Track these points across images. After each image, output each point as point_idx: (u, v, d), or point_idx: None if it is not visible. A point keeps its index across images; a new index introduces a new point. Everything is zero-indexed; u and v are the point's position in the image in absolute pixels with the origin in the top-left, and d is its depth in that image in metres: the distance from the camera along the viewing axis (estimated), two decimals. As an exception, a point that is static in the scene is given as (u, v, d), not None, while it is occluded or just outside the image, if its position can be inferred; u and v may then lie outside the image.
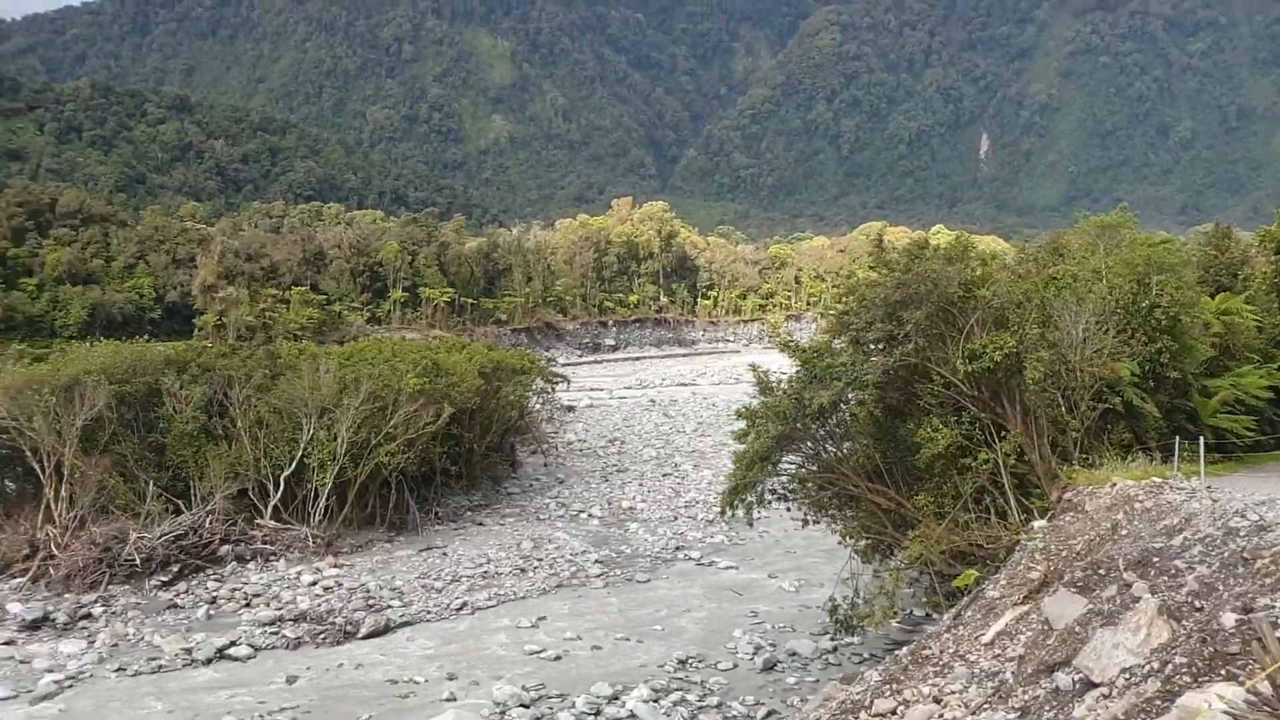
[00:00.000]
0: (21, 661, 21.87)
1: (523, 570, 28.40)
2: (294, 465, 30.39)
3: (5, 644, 22.86)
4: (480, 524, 34.18)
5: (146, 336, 58.11)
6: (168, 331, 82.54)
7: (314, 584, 26.72)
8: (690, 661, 21.15)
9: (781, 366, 23.19)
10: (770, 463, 21.02)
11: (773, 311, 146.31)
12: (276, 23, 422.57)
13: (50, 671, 21.15)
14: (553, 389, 46.41)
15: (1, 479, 31.42)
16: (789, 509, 23.66)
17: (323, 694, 19.81)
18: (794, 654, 21.43)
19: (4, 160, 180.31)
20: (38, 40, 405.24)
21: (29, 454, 29.00)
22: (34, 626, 23.86)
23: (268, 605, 25.34)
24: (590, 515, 35.62)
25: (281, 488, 30.44)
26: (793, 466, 22.23)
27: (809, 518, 23.25)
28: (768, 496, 21.94)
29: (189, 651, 22.26)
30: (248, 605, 25.53)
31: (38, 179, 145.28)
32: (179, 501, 29.86)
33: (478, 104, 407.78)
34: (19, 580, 26.83)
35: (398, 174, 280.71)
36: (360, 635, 23.33)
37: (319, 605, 25.09)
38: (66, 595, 25.65)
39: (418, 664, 21.41)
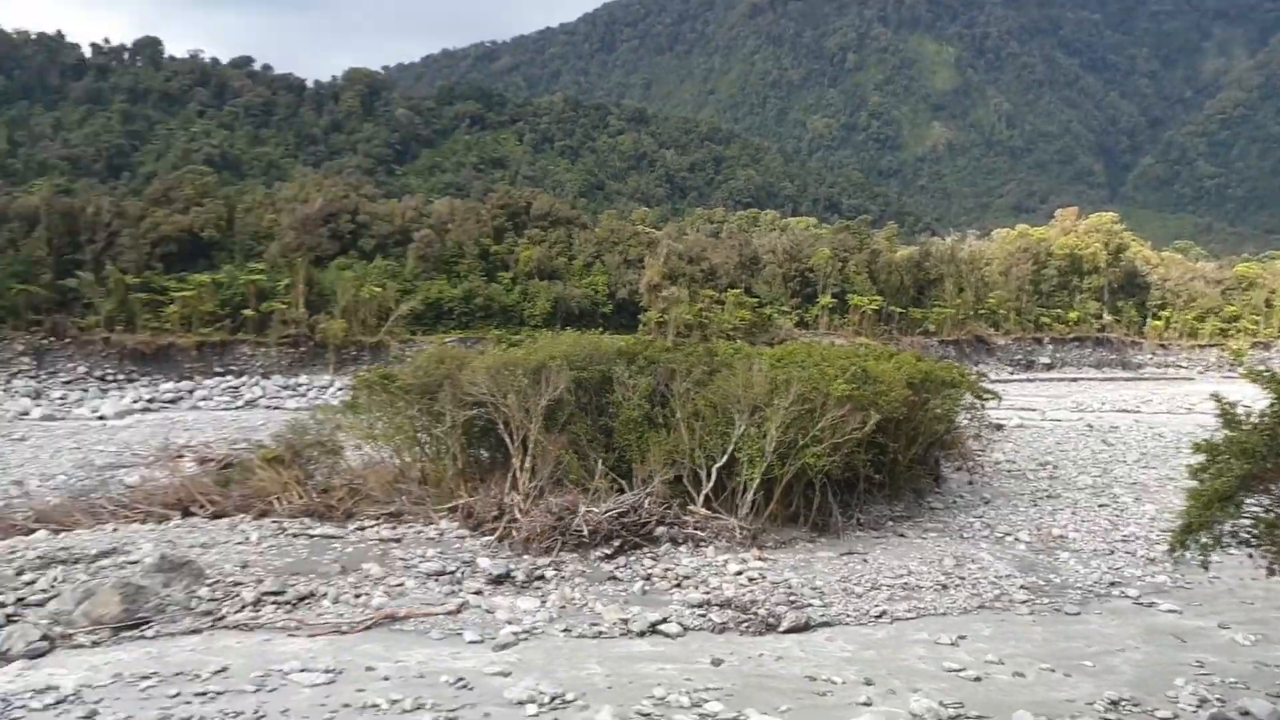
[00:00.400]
0: (487, 611, 24.72)
1: (944, 586, 27.86)
2: (725, 458, 31.86)
3: (475, 594, 25.92)
4: (901, 535, 33.95)
5: (600, 329, 63.48)
6: (616, 325, 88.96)
7: (739, 573, 27.86)
8: (1123, 704, 19.79)
9: (1246, 398, 21.09)
10: (1233, 503, 19.17)
11: (1236, 337, 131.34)
12: (729, 37, 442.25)
13: (509, 624, 23.68)
14: (982, 405, 44.86)
15: (479, 448, 35.71)
16: (1250, 554, 21.43)
17: (744, 680, 20.74)
18: (1246, 713, 19.36)
19: (490, 167, 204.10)
20: (522, 59, 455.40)
21: (501, 427, 32.88)
22: (498, 581, 26.87)
23: (696, 588, 26.80)
24: (1017, 539, 34.16)
25: (713, 478, 32.04)
26: (1259, 509, 20.11)
27: (1275, 567, 20.94)
28: (1226, 539, 20.02)
29: (625, 622, 24.06)
30: (678, 586, 27.13)
31: (516, 184, 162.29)
32: (622, 481, 32.38)
33: (917, 111, 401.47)
34: (488, 538, 30.41)
35: (832, 181, 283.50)
36: (781, 629, 24.09)
37: (743, 594, 26.20)
38: (525, 556, 28.63)
39: (835, 665, 21.78)
